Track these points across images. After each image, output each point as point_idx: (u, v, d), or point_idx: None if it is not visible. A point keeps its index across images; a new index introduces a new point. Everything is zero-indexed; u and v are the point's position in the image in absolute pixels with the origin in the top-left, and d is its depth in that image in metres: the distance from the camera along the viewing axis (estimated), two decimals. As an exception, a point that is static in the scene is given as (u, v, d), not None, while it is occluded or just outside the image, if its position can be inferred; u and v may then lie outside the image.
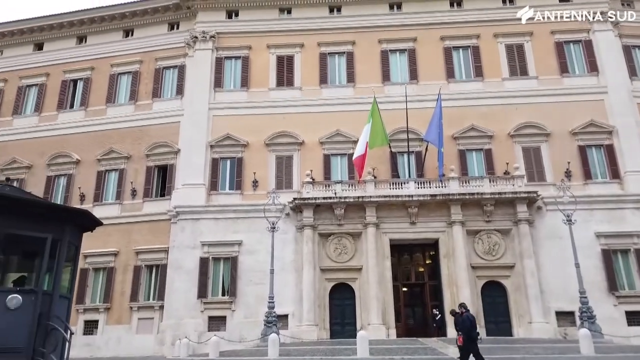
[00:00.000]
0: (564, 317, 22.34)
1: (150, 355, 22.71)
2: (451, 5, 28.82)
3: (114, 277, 25.13)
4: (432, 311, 23.73)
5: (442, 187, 24.00)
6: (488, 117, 26.02)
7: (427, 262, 25.64)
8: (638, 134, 25.35)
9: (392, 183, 24.47)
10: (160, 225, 25.46)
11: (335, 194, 24.04)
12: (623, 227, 23.52)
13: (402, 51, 28.13)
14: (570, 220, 20.72)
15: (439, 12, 28.53)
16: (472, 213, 23.82)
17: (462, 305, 13.88)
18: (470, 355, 12.92)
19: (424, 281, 25.39)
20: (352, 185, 24.45)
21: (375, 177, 24.58)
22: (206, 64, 28.17)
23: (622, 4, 28.47)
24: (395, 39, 28.15)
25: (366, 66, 27.75)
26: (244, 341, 21.47)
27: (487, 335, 21.95)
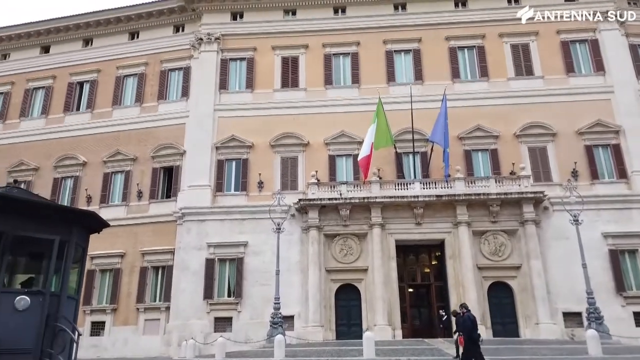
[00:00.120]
0: (571, 318, 22.24)
1: (157, 356, 22.79)
2: (456, 5, 28.77)
3: (121, 279, 25.25)
4: (438, 312, 23.65)
5: (447, 187, 23.93)
6: (493, 117, 25.94)
7: (433, 262, 25.57)
8: (645, 134, 25.19)
9: (398, 184, 24.42)
10: (166, 227, 25.55)
11: (340, 194, 24.03)
12: (630, 227, 23.37)
13: (407, 51, 28.09)
14: (577, 220, 20.59)
15: (444, 12, 28.49)
16: (478, 213, 23.73)
17: (463, 306, 13.82)
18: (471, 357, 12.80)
19: (429, 282, 25.32)
20: (358, 186, 24.43)
21: (380, 178, 24.56)
22: (211, 65, 28.26)
23: (629, 3, 28.30)
24: (400, 39, 28.13)
25: (371, 67, 27.73)
26: (250, 342, 21.51)
27: (493, 336, 21.94)
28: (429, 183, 24.25)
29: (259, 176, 25.78)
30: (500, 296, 23.16)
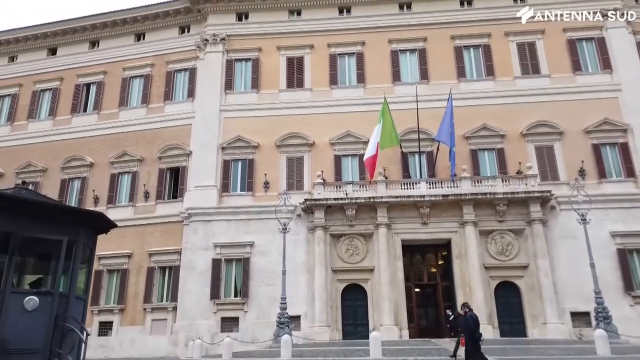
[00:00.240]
0: (579, 317, 22.10)
1: (164, 356, 22.89)
2: (461, 4, 28.66)
3: (128, 279, 25.38)
4: (445, 312, 23.56)
5: (454, 187, 23.86)
6: (500, 116, 25.83)
7: (440, 262, 25.50)
8: (653, 132, 24.99)
9: (404, 183, 24.38)
10: (173, 227, 25.65)
11: (346, 194, 24.02)
12: (639, 226, 23.16)
13: (412, 51, 28.03)
14: (585, 219, 20.45)
15: (449, 12, 28.40)
16: (485, 213, 23.64)
17: (465, 305, 13.83)
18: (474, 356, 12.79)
19: (436, 282, 25.24)
20: (363, 186, 24.41)
21: (386, 178, 24.52)
22: (217, 66, 28.34)
23: (636, 0, 28.07)
24: (405, 38, 28.08)
25: (376, 66, 27.70)
26: (256, 342, 21.54)
27: (501, 336, 21.86)
28: (435, 182, 24.18)
29: (264, 176, 25.82)
30: (508, 296, 23.07)
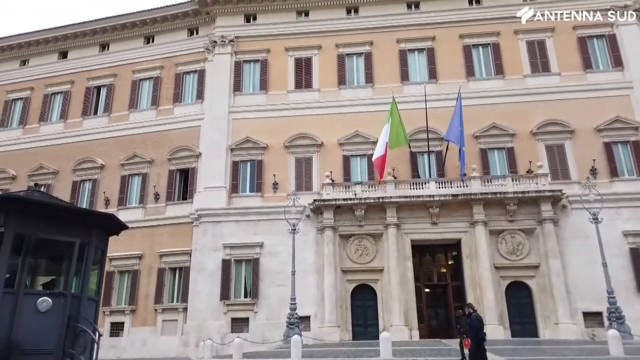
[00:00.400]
0: (592, 317, 21.88)
1: (175, 356, 23.02)
2: (470, 3, 28.50)
3: (139, 280, 25.56)
4: (455, 312, 23.44)
5: (463, 186, 23.73)
6: (509, 115, 25.65)
7: (450, 262, 25.36)
8: (666, 130, 24.68)
9: (413, 183, 24.29)
10: (183, 228, 25.80)
11: (355, 195, 23.99)
12: (652, 225, 22.89)
13: (420, 50, 27.93)
14: (597, 218, 20.25)
15: (458, 10, 28.25)
16: (495, 213, 23.48)
17: (469, 306, 13.86)
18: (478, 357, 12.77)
19: (446, 282, 25.12)
20: (372, 186, 24.37)
21: (395, 178, 24.45)
22: (225, 68, 28.46)
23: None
24: (413, 38, 27.98)
25: (384, 66, 27.63)
26: (266, 342, 21.58)
27: (512, 336, 21.71)
28: (445, 182, 24.07)
29: (273, 177, 25.87)
30: (519, 296, 22.90)
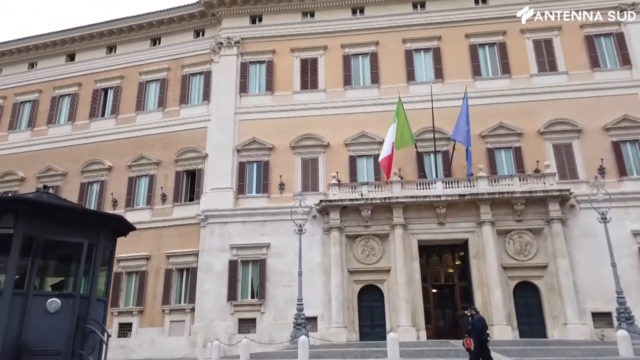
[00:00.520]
0: (601, 318, 21.71)
1: (183, 357, 23.10)
2: (476, 2, 28.39)
3: (146, 281, 25.68)
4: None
5: (470, 186, 23.64)
6: (516, 114, 25.52)
7: (457, 263, 25.28)
8: (675, 128, 24.45)
9: (419, 183, 24.23)
10: (190, 229, 25.89)
11: (361, 195, 23.97)
12: (661, 225, 22.69)
13: (426, 50, 27.86)
14: (605, 218, 20.12)
15: (464, 10, 28.15)
16: (502, 212, 23.37)
17: (472, 308, 13.90)
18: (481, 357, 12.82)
19: (453, 282, 25.03)
20: (379, 187, 24.34)
21: (401, 178, 24.40)
22: (231, 69, 28.55)
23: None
24: (419, 37, 27.92)
25: (390, 66, 27.59)
26: (273, 343, 21.62)
27: (520, 337, 21.59)
28: (451, 182, 23.99)
29: (280, 178, 25.90)
30: (527, 296, 22.77)
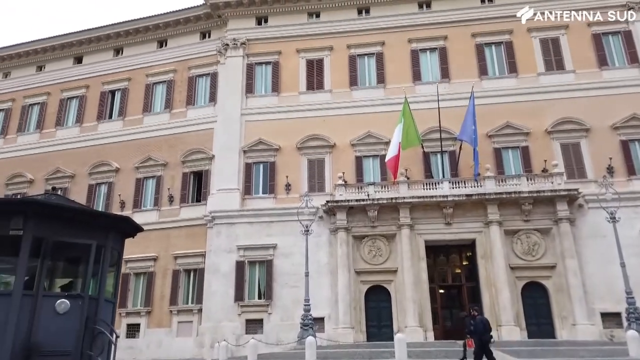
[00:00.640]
0: (610, 318, 21.55)
1: (190, 357, 23.16)
2: (482, 1, 28.29)
3: (154, 282, 25.79)
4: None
5: (477, 186, 23.55)
6: (524, 113, 25.38)
7: (464, 263, 25.19)
8: (685, 126, 24.22)
9: (426, 183, 24.16)
10: (197, 230, 25.97)
11: (368, 195, 23.93)
12: (671, 224, 22.47)
13: (432, 50, 27.78)
14: (614, 217, 19.96)
15: (470, 9, 28.05)
16: (510, 212, 23.25)
17: (474, 308, 13.96)
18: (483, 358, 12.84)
19: (461, 283, 24.94)
20: (385, 187, 24.29)
21: (408, 178, 24.34)
22: (237, 70, 28.62)
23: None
24: (425, 37, 27.85)
25: (396, 66, 27.54)
26: (281, 344, 21.62)
27: (528, 337, 21.48)
28: (458, 182, 23.90)
29: (286, 179, 25.93)
30: (535, 296, 22.65)
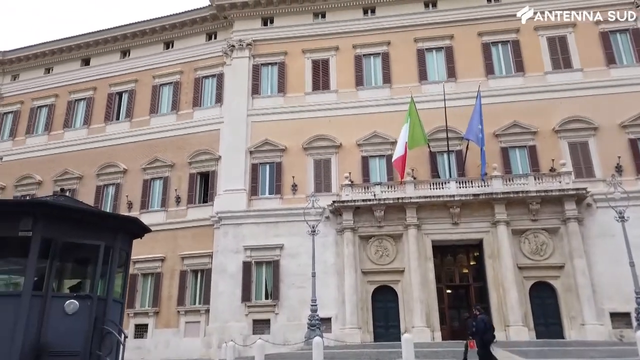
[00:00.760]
0: (619, 318, 21.37)
1: (198, 358, 23.25)
2: (488, 0, 28.17)
3: (162, 282, 25.90)
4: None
5: (484, 186, 23.45)
6: (531, 112, 25.24)
7: (471, 263, 25.08)
8: (695, 125, 23.97)
9: (433, 183, 24.09)
10: (204, 231, 26.05)
11: (374, 195, 23.90)
12: (681, 223, 22.22)
13: (438, 49, 27.69)
14: (623, 217, 19.78)
15: (476, 8, 27.94)
16: (517, 212, 23.13)
17: (477, 308, 13.99)
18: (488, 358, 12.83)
19: (468, 283, 24.84)
20: (392, 187, 24.25)
21: (414, 178, 24.28)
22: (243, 71, 28.68)
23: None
24: (431, 37, 27.76)
25: (402, 66, 27.48)
26: (288, 344, 21.64)
27: (537, 337, 21.37)
28: (465, 182, 23.80)
29: (292, 179, 25.95)
30: (543, 296, 22.52)
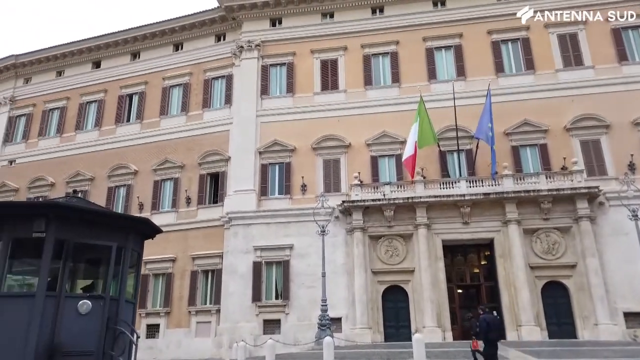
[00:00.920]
0: (633, 318, 21.13)
1: (209, 358, 23.36)
2: (497, -2, 28.02)
3: (173, 282, 26.08)
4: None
5: (495, 185, 23.30)
6: (542, 110, 25.02)
7: (482, 262, 24.92)
8: None
9: (443, 183, 23.99)
10: (214, 231, 26.18)
11: (384, 195, 23.85)
12: (696, 222, 21.91)
13: (447, 48, 27.56)
14: (636, 215, 19.56)
15: (485, 6, 27.74)
16: (529, 211, 22.94)
17: (481, 307, 14.08)
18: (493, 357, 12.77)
19: (479, 282, 24.69)
20: (401, 186, 24.18)
21: (424, 177, 24.19)
22: (252, 72, 28.77)
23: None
24: (440, 35, 27.65)
25: (411, 65, 27.39)
26: (298, 344, 21.67)
27: (549, 337, 21.19)
28: (476, 181, 23.67)
29: (302, 179, 25.98)
30: (555, 296, 22.31)
